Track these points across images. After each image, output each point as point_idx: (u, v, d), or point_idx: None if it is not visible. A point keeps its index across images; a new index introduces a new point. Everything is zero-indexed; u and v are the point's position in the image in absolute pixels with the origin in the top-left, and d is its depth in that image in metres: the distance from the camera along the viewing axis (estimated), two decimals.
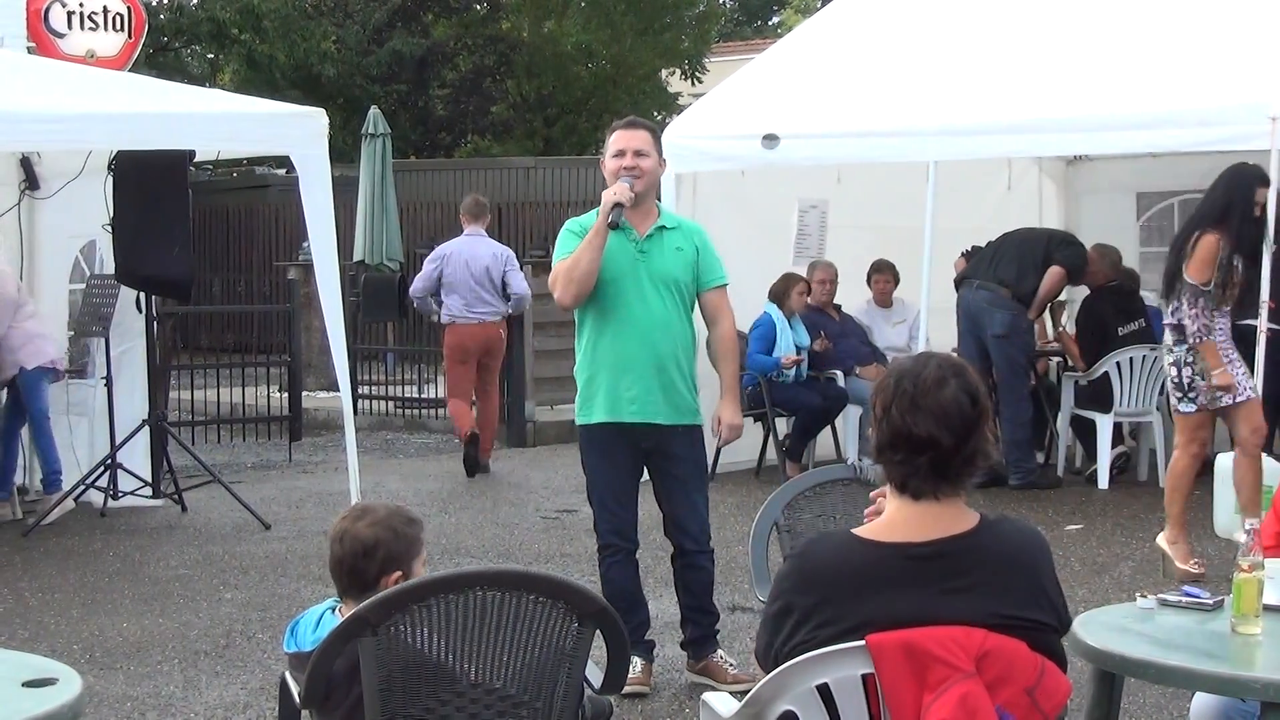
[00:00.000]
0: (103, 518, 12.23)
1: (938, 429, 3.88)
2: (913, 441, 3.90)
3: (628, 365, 7.40)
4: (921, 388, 3.90)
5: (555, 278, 7.40)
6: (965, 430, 3.89)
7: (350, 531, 4.66)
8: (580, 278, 7.30)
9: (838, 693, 3.86)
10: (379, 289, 19.08)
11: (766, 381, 13.44)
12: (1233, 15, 11.85)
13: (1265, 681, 4.31)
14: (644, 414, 7.43)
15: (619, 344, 7.41)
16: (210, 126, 11.28)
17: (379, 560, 4.61)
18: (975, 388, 3.94)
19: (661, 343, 7.43)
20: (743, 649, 8.14)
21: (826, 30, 14.12)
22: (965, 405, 3.90)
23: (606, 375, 7.44)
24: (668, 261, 7.46)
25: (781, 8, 52.48)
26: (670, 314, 7.46)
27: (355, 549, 4.63)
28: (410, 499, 12.67)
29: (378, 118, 20.17)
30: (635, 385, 7.40)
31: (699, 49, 35.30)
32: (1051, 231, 13.96)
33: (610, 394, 7.43)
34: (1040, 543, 4.05)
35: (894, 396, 3.93)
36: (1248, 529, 4.74)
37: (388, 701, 4.18)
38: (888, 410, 3.93)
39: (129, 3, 16.79)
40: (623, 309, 7.39)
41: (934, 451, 3.89)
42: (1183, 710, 6.57)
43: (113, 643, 8.70)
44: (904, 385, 3.93)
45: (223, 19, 29.72)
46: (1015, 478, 12.90)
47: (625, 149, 7.46)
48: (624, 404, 7.42)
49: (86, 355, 13.09)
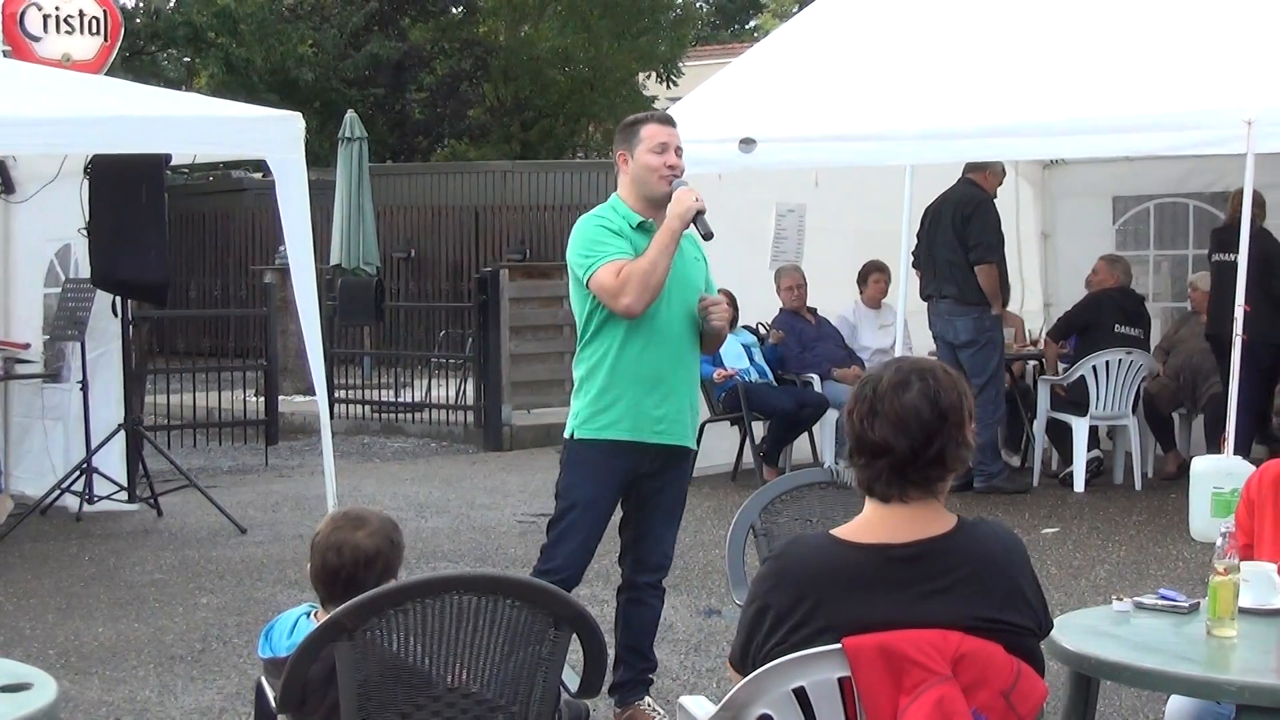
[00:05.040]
0: (78, 522, 12.20)
1: (893, 434, 3.88)
2: (870, 446, 3.91)
3: (658, 381, 6.81)
4: (879, 393, 3.92)
5: (627, 282, 6.61)
6: (924, 435, 3.88)
7: (350, 541, 4.64)
8: (657, 285, 6.64)
9: (814, 696, 3.86)
10: (355, 293, 19.10)
11: (744, 386, 13.47)
12: (1208, 19, 11.88)
13: (1240, 684, 4.33)
14: (671, 435, 6.90)
15: (649, 357, 6.80)
16: (186, 130, 11.25)
17: (378, 571, 4.62)
18: (938, 392, 3.93)
19: (689, 358, 6.97)
20: (719, 653, 8.15)
21: (803, 34, 14.12)
22: (924, 410, 3.89)
23: (631, 390, 6.78)
24: (690, 270, 6.92)
25: (758, 12, 52.49)
26: (694, 327, 6.92)
27: (356, 559, 4.62)
28: (387, 503, 12.65)
29: (354, 121, 20.17)
30: (665, 404, 6.84)
31: (675, 53, 35.33)
32: (952, 230, 13.19)
33: (634, 410, 6.79)
34: (1018, 545, 4.05)
35: (856, 401, 3.95)
36: (1223, 532, 4.76)
37: (364, 706, 4.17)
38: (850, 414, 3.95)
39: (105, 6, 16.78)
40: (655, 319, 6.77)
41: (890, 456, 3.89)
42: (1158, 713, 6.58)
43: (88, 648, 8.68)
44: (865, 390, 3.94)
45: (199, 23, 29.71)
46: (978, 481, 12.92)
47: (669, 144, 6.81)
48: (650, 423, 6.81)
49: (62, 359, 13.05)
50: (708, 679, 7.87)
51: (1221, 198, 14.61)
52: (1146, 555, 10.66)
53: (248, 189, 27.23)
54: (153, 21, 30.31)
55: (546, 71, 33.14)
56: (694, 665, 8.16)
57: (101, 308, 12.50)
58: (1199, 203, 15.39)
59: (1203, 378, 13.43)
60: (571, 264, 6.86)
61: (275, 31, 30.45)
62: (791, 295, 14.17)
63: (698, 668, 8.12)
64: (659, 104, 31.31)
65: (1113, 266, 13.82)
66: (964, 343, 13.06)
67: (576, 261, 6.80)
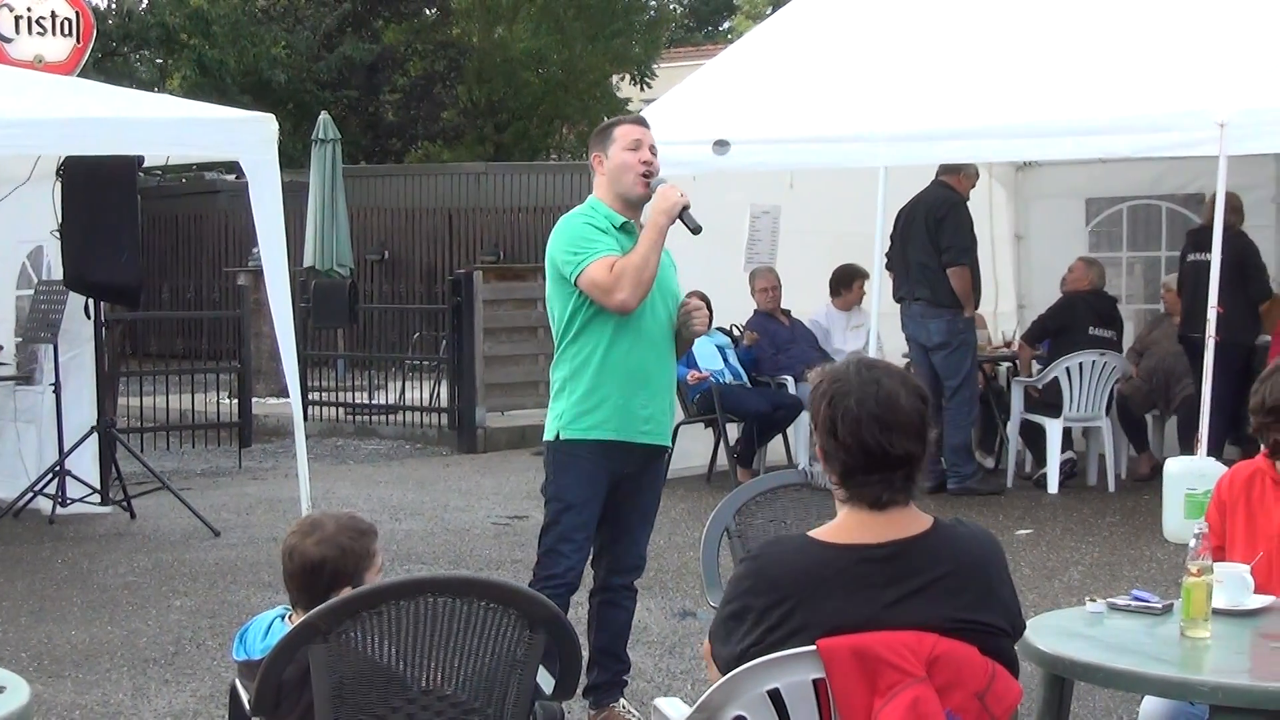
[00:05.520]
0: (51, 525, 12.16)
1: (913, 442, 3.93)
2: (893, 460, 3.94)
3: (644, 381, 6.78)
4: (881, 406, 3.92)
5: (621, 277, 6.57)
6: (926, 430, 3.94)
7: (299, 548, 4.65)
8: (649, 280, 6.63)
9: (789, 698, 3.86)
10: (329, 295, 19.06)
11: (718, 388, 13.48)
12: (1181, 21, 11.91)
13: (1213, 685, 4.33)
14: (656, 435, 6.89)
15: (636, 357, 6.76)
16: (159, 132, 11.23)
17: (325, 577, 4.61)
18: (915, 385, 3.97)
19: (670, 358, 6.94)
20: (693, 655, 8.15)
21: (777, 35, 14.13)
22: (921, 409, 3.94)
23: (619, 389, 6.73)
24: (666, 273, 6.88)
25: (732, 13, 52.52)
26: (672, 328, 6.90)
27: (304, 565, 4.63)
28: (361, 505, 12.63)
29: (328, 123, 20.14)
30: (651, 404, 6.82)
31: (649, 54, 35.33)
32: (925, 233, 13.21)
33: (622, 411, 6.74)
34: (993, 545, 4.06)
35: (863, 421, 3.93)
36: (1196, 533, 4.77)
37: (338, 708, 4.16)
38: (859, 434, 3.94)
39: (77, 8, 16.73)
40: (642, 318, 6.74)
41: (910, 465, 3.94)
42: (1132, 714, 6.59)
43: (61, 650, 8.65)
44: (866, 408, 3.94)
45: (172, 24, 29.61)
46: (952, 482, 12.94)
47: (644, 141, 6.80)
48: (638, 423, 6.78)
49: (34, 362, 13.03)
50: (682, 680, 7.86)
51: (1195, 199, 14.65)
52: (1120, 556, 10.68)
53: (221, 191, 27.18)
54: (125, 23, 30.20)
55: (520, 73, 33.13)
56: (669, 667, 8.16)
57: (74, 310, 12.47)
58: (1172, 205, 15.43)
59: (1175, 379, 13.47)
60: (556, 261, 6.77)
61: (248, 33, 30.37)
62: (766, 297, 14.18)
63: (672, 669, 8.11)
64: (633, 106, 31.34)
65: (1089, 268, 13.85)
66: (937, 345, 13.07)
67: (563, 259, 6.71)
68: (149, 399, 17.76)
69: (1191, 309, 12.49)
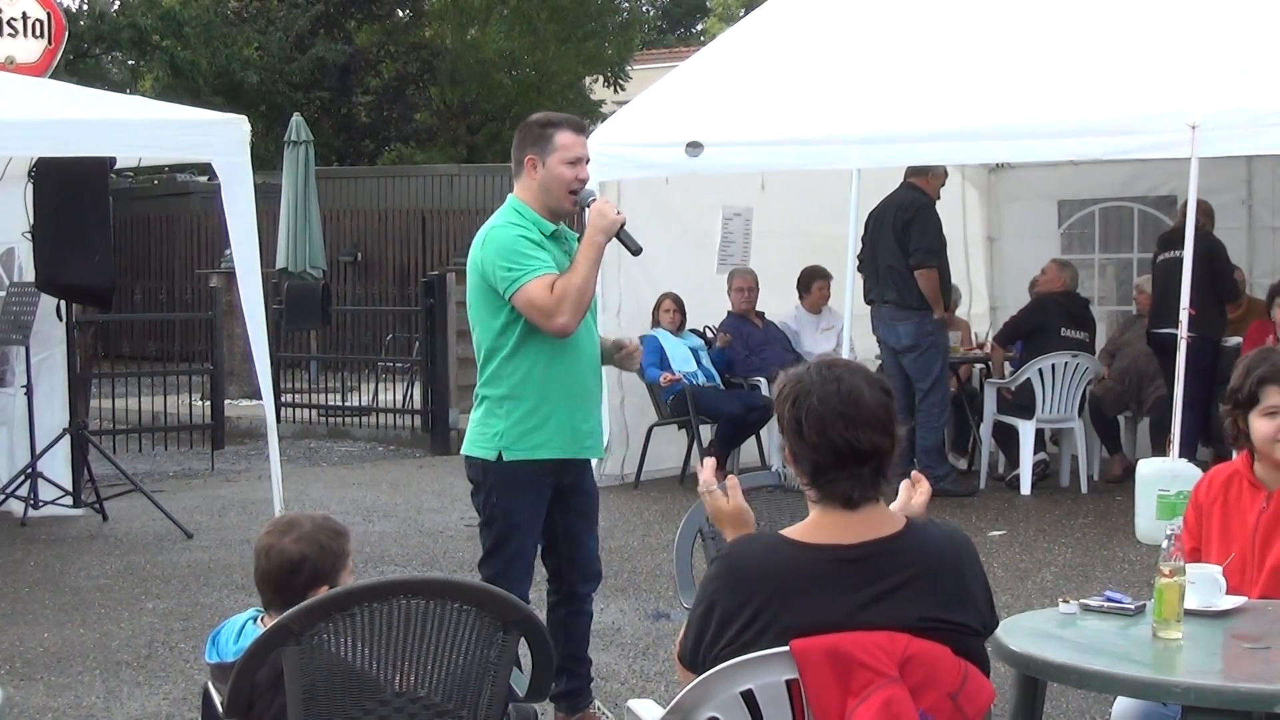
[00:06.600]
0: (23, 527, 12.13)
1: (880, 436, 3.94)
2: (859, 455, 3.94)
3: (583, 396, 6.70)
4: (844, 401, 3.94)
5: (562, 300, 6.39)
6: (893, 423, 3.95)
7: (276, 547, 4.62)
8: (589, 302, 6.50)
9: (762, 699, 3.87)
10: (302, 297, 19.02)
11: (691, 389, 13.49)
12: (1153, 24, 11.95)
13: (1186, 685, 4.34)
14: (596, 449, 6.85)
15: (574, 373, 6.64)
16: (132, 133, 11.19)
17: (305, 576, 4.58)
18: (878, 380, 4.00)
19: (600, 368, 6.88)
20: (666, 656, 8.14)
21: (750, 38, 14.14)
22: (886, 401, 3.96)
23: (562, 406, 6.58)
24: None
25: (704, 15, 52.57)
26: (598, 338, 6.86)
27: (282, 564, 4.60)
28: (334, 507, 12.61)
29: (300, 125, 20.09)
30: (590, 418, 6.75)
31: (622, 56, 35.37)
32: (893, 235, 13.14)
33: (566, 428, 6.60)
34: (967, 545, 4.07)
35: (826, 418, 3.94)
36: (1169, 534, 4.78)
37: (311, 711, 4.16)
38: (824, 431, 3.96)
39: (49, 9, 16.69)
40: (579, 334, 6.56)
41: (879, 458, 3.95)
42: (1105, 715, 6.60)
43: (33, 653, 8.62)
44: (828, 405, 3.95)
45: (144, 26, 29.55)
46: None
47: (583, 157, 6.61)
48: (580, 438, 6.67)
49: (6, 364, 12.99)
50: (656, 682, 7.86)
51: (1167, 201, 14.71)
52: (1092, 557, 10.70)
53: (193, 192, 27.12)
54: (97, 24, 30.16)
55: (493, 75, 33.13)
56: (642, 669, 8.15)
57: (46, 312, 12.44)
58: (1144, 206, 15.49)
59: (1148, 380, 13.49)
60: (487, 274, 6.57)
61: (220, 34, 30.33)
62: (742, 297, 14.20)
63: (646, 671, 8.11)
64: (606, 108, 31.39)
65: (1062, 270, 13.88)
66: (906, 347, 13.08)
67: (497, 274, 6.50)
68: (121, 401, 17.72)
69: (1161, 304, 12.52)
